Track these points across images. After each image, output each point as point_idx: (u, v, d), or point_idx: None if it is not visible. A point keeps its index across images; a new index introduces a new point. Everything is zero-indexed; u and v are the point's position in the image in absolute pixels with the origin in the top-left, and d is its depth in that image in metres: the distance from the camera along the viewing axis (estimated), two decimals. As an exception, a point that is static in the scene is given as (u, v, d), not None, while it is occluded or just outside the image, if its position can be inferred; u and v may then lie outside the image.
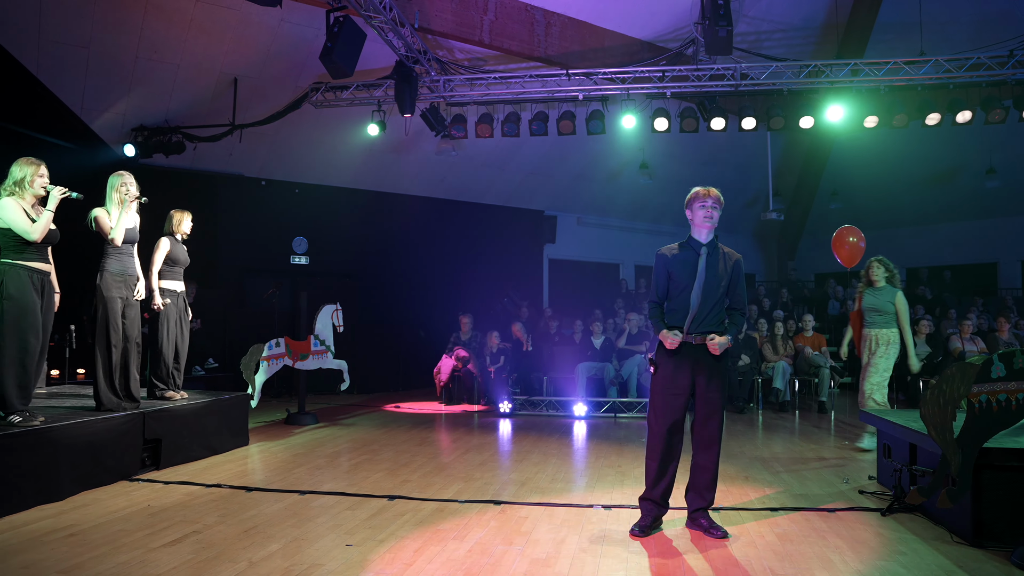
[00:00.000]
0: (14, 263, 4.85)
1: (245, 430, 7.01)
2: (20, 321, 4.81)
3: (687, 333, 4.17)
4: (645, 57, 10.58)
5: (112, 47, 9.21)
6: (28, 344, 4.84)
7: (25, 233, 4.82)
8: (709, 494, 4.27)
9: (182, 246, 6.74)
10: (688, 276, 4.20)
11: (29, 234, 4.83)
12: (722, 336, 4.15)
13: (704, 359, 4.17)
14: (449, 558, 3.74)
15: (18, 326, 4.81)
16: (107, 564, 3.55)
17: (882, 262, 6.93)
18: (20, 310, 4.81)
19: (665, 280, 4.31)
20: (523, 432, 8.06)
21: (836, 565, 3.69)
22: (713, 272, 4.19)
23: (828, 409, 9.84)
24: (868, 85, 9.97)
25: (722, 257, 4.26)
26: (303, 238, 12.20)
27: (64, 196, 5.02)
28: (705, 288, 4.16)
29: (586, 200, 15.18)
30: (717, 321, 4.21)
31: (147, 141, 10.46)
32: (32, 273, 4.92)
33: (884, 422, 5.29)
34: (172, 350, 6.57)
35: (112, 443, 5.25)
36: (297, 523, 4.33)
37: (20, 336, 4.81)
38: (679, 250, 4.31)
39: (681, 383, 4.19)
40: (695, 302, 4.16)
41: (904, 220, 16.28)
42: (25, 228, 4.83)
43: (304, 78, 10.47)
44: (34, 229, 4.86)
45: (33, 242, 4.88)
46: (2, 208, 4.81)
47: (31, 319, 4.86)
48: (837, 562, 3.74)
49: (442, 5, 9.45)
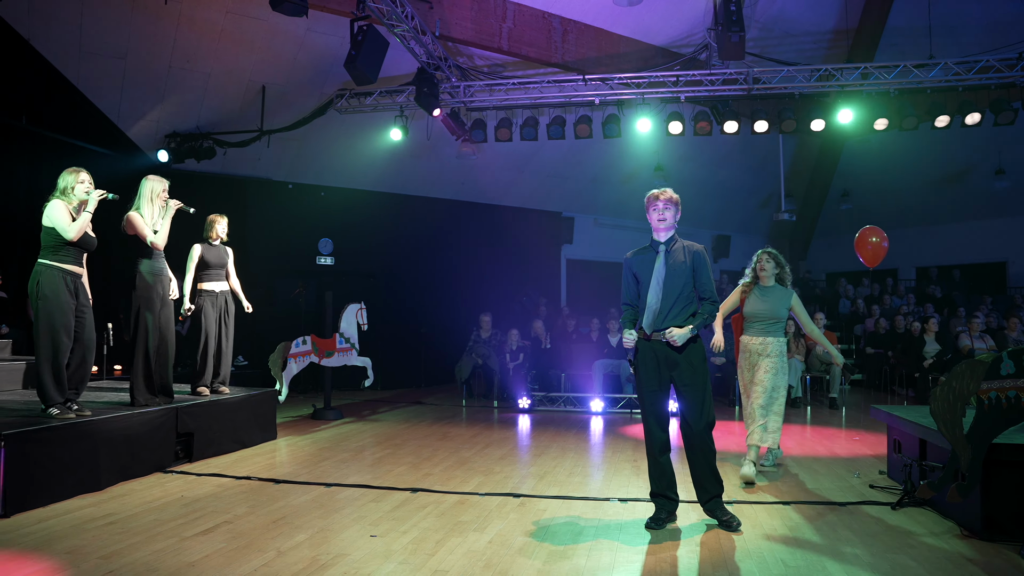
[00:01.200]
0: (49, 264, 5.08)
1: (273, 425, 7.18)
2: (53, 320, 5.02)
3: (654, 330, 4.26)
4: (660, 62, 10.72)
5: (147, 58, 9.53)
6: (60, 342, 5.05)
7: (64, 231, 5.05)
8: (712, 485, 4.32)
9: (215, 249, 6.89)
10: (649, 275, 4.31)
11: (67, 232, 5.05)
12: (681, 328, 4.21)
13: (671, 354, 4.26)
14: (470, 549, 3.82)
15: (51, 325, 5.02)
16: (144, 551, 3.70)
17: (773, 255, 5.99)
18: (53, 309, 5.03)
19: (633, 282, 4.42)
20: (541, 427, 8.16)
21: (847, 557, 3.73)
22: (673, 269, 4.27)
23: (839, 405, 9.89)
24: (878, 88, 10.02)
25: (683, 252, 4.31)
26: (328, 239, 12.42)
27: (101, 197, 5.24)
28: (665, 284, 4.25)
29: (603, 202, 15.28)
30: (686, 315, 4.27)
31: (180, 147, 10.76)
32: (66, 275, 5.12)
33: (894, 418, 5.32)
34: (214, 347, 6.74)
35: (148, 436, 5.46)
36: (323, 514, 4.45)
37: (53, 334, 5.03)
38: (642, 252, 4.43)
39: (657, 380, 4.29)
40: (654, 300, 4.26)
41: (914, 220, 16.24)
42: (64, 227, 5.06)
43: (329, 85, 10.71)
44: (71, 228, 5.07)
45: (70, 244, 5.10)
46: (50, 207, 5.08)
47: (64, 318, 5.06)
48: (848, 554, 3.78)
49: (462, 13, 9.63)
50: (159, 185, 5.88)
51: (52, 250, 5.11)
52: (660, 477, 4.34)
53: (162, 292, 5.92)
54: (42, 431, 4.61)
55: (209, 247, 6.86)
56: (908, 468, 4.80)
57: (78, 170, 5.26)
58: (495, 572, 3.51)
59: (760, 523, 4.39)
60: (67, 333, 5.10)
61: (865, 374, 12.08)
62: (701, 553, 3.82)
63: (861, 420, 8.86)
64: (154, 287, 5.85)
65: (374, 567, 3.54)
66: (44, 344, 5.04)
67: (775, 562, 3.69)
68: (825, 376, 10.34)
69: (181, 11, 9.02)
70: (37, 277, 5.08)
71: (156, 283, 5.87)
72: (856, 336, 13.00)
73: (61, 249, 5.11)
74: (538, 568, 3.57)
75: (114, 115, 10.18)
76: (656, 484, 4.36)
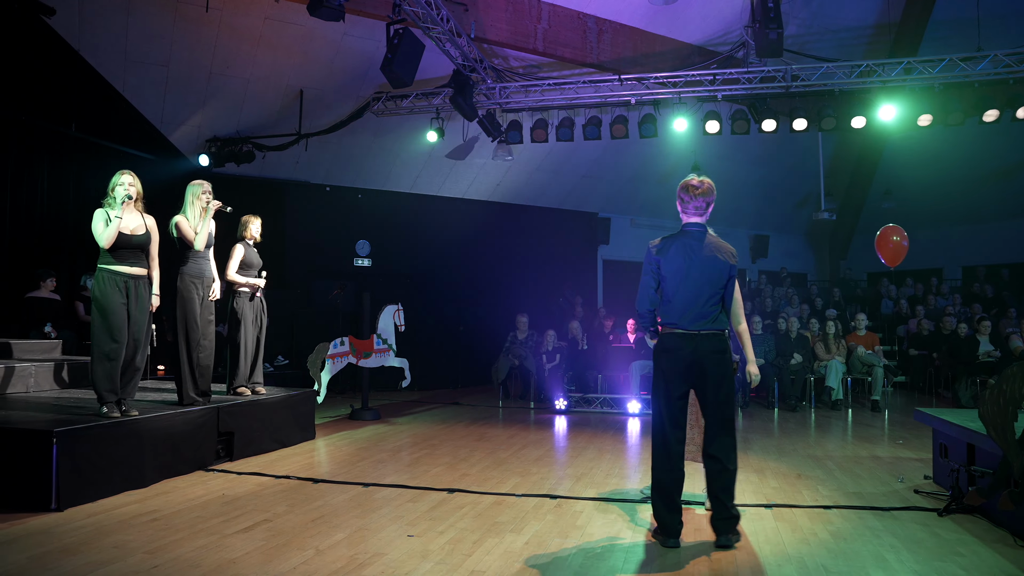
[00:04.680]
0: (101, 267, 5.21)
1: (312, 425, 7.25)
2: (103, 321, 5.15)
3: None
4: (696, 61, 10.63)
5: (188, 64, 9.74)
6: (110, 343, 5.16)
7: (98, 239, 5.17)
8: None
9: (254, 249, 6.99)
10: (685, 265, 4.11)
11: (100, 240, 5.17)
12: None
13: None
14: (507, 550, 3.82)
15: (102, 326, 5.15)
16: (187, 547, 3.77)
17: None
18: (103, 311, 5.15)
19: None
20: (578, 429, 8.14)
21: (891, 564, 3.65)
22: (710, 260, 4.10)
23: (881, 408, 9.71)
24: (922, 83, 9.80)
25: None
26: (365, 241, 12.54)
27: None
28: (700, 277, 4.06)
29: (639, 202, 15.20)
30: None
31: (220, 151, 10.98)
32: (117, 276, 5.22)
33: (940, 421, 5.20)
34: (252, 348, 6.84)
35: (190, 435, 5.56)
36: (361, 514, 4.48)
37: (102, 335, 5.15)
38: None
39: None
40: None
41: (959, 218, 15.84)
42: (97, 235, 5.18)
43: (366, 88, 10.82)
44: (102, 236, 5.17)
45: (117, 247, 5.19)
46: (94, 215, 5.21)
47: (114, 320, 5.16)
48: (892, 561, 3.70)
49: (497, 15, 9.65)
50: (199, 188, 6.01)
51: (103, 255, 5.23)
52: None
53: (204, 293, 6.03)
54: (91, 429, 4.73)
55: (249, 248, 6.96)
56: (955, 473, 4.68)
57: (122, 172, 5.36)
58: (532, 573, 3.51)
59: (800, 527, 4.32)
60: (118, 334, 5.19)
61: (908, 376, 11.83)
62: (739, 557, 3.79)
63: (904, 423, 8.68)
64: (196, 289, 5.97)
65: (411, 567, 3.56)
66: (96, 344, 5.17)
67: (816, 567, 3.63)
68: (867, 378, 10.15)
69: (221, 19, 9.20)
70: (94, 280, 5.25)
71: (199, 285, 5.99)
72: (899, 337, 12.74)
73: (110, 253, 5.22)
74: (575, 570, 3.56)
75: (157, 121, 10.43)
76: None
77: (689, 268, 3.91)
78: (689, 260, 3.92)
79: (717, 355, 3.90)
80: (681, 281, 3.91)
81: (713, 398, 3.92)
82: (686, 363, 3.90)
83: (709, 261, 3.92)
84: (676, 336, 3.93)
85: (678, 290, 3.92)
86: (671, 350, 3.93)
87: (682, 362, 3.90)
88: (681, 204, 4.08)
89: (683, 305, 3.91)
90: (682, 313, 3.91)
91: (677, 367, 3.91)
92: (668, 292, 3.96)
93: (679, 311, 3.91)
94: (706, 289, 3.91)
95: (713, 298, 3.92)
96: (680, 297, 3.91)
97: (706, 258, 3.92)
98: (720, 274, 3.93)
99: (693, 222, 4.04)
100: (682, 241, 3.99)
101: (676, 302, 3.92)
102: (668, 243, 4.00)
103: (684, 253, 3.94)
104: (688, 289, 3.91)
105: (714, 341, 3.90)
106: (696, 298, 3.89)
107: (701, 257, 3.92)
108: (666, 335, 3.98)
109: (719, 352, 3.90)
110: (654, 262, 3.98)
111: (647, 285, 4.00)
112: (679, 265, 3.92)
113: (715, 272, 3.91)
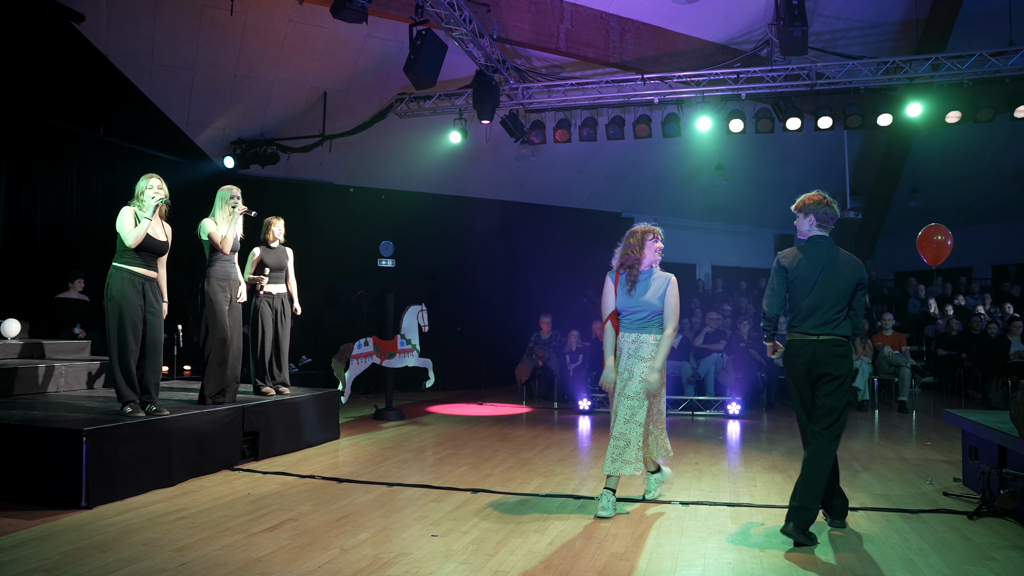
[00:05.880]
0: (119, 266, 5.27)
1: (336, 424, 7.30)
2: (119, 320, 5.21)
3: None
4: (719, 60, 10.55)
5: (214, 68, 9.85)
6: (127, 342, 5.22)
7: (125, 237, 5.22)
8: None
9: (274, 251, 7.00)
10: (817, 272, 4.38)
11: (127, 238, 5.22)
12: None
13: None
14: (530, 550, 3.82)
15: (118, 325, 5.21)
16: (214, 546, 3.81)
17: None
18: (120, 310, 5.21)
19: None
20: (602, 429, 8.13)
21: (920, 568, 3.60)
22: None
23: (909, 409, 9.59)
24: (950, 79, 9.65)
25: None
26: (389, 242, 12.60)
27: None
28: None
29: (663, 201, 15.12)
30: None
31: (245, 153, 11.09)
32: (134, 277, 5.28)
33: (970, 423, 5.13)
34: (271, 349, 6.89)
35: (216, 435, 5.63)
36: (385, 513, 4.51)
37: (121, 333, 5.21)
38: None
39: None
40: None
41: (988, 216, 15.56)
42: (126, 232, 5.23)
43: (389, 90, 10.87)
44: (129, 235, 5.23)
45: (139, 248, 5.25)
46: (120, 213, 5.26)
47: (130, 319, 5.23)
48: (921, 565, 3.64)
49: (520, 16, 9.65)
50: (228, 192, 6.09)
51: (122, 253, 5.29)
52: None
53: (230, 295, 6.10)
54: (119, 428, 4.79)
55: (268, 250, 6.99)
56: (986, 476, 4.60)
57: (150, 176, 5.42)
58: (555, 574, 3.51)
59: (826, 529, 4.28)
60: (134, 334, 5.25)
61: (937, 377, 11.65)
62: (764, 560, 3.75)
63: (932, 424, 8.57)
64: (223, 290, 6.04)
65: (435, 566, 3.57)
66: (112, 344, 5.24)
67: (843, 570, 3.59)
68: (894, 379, 10.02)
69: (246, 22, 9.29)
70: (109, 279, 5.29)
71: (225, 286, 6.06)
72: (927, 337, 12.55)
73: (130, 252, 5.28)
74: (598, 570, 3.56)
75: (183, 123, 10.56)
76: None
77: (817, 278, 4.16)
78: (817, 270, 4.17)
79: (835, 359, 4.10)
80: (810, 290, 4.17)
81: (823, 400, 4.11)
82: (805, 366, 4.15)
83: (836, 272, 4.16)
84: (799, 342, 4.20)
85: (805, 298, 4.18)
86: (794, 354, 4.23)
87: (803, 365, 4.16)
88: (814, 218, 4.31)
89: (808, 312, 4.17)
90: (805, 319, 4.17)
91: (800, 369, 4.19)
92: (795, 299, 4.25)
93: (803, 317, 4.18)
94: (830, 297, 4.13)
95: (837, 306, 4.13)
96: (806, 304, 4.18)
97: (833, 269, 4.17)
98: (847, 283, 4.15)
99: (819, 234, 4.31)
100: (810, 252, 4.25)
101: (803, 309, 4.19)
102: (798, 253, 4.29)
103: (813, 264, 4.20)
104: (814, 297, 4.15)
105: (832, 346, 4.11)
106: (820, 305, 4.14)
107: (829, 268, 4.17)
108: (792, 340, 4.25)
109: (837, 357, 4.10)
110: (784, 271, 4.27)
111: (778, 292, 4.30)
112: (808, 274, 4.19)
113: (840, 281, 4.15)
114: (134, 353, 5.26)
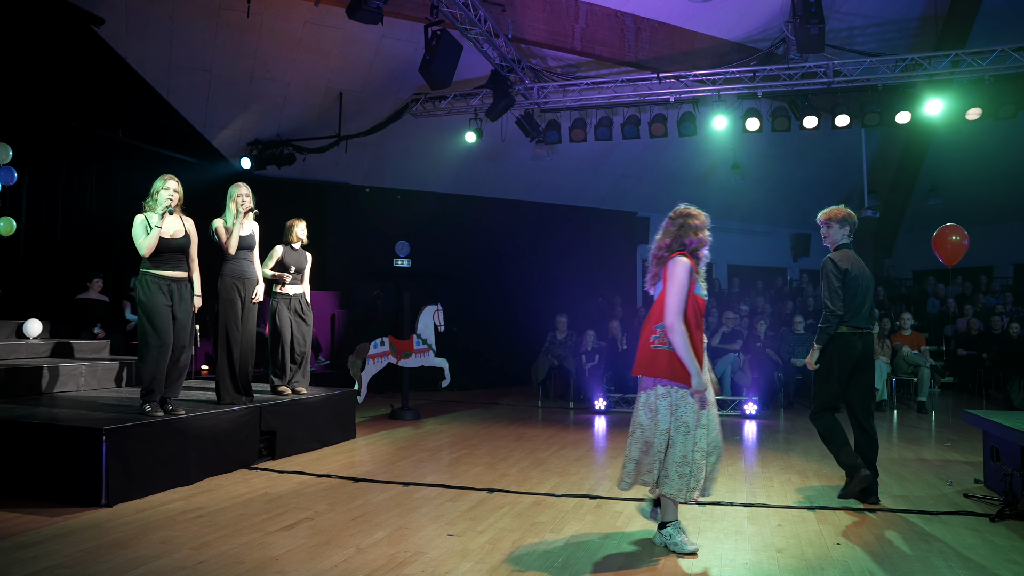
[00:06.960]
0: (144, 271, 5.31)
1: (352, 424, 7.30)
2: (149, 323, 5.25)
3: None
4: (735, 58, 10.50)
5: (230, 69, 9.93)
6: (156, 344, 5.26)
7: (138, 248, 5.26)
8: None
9: (296, 253, 7.03)
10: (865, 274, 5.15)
11: (140, 249, 5.26)
12: None
13: None
14: (546, 550, 3.81)
15: (148, 328, 5.25)
16: (231, 544, 3.84)
17: None
18: (148, 313, 5.25)
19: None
20: (618, 429, 8.10)
21: (941, 570, 3.56)
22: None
23: (928, 409, 9.48)
24: (971, 76, 9.53)
25: None
26: (405, 242, 12.62)
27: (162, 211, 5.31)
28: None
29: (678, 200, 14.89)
30: None
31: (261, 154, 11.16)
32: (160, 280, 5.31)
33: (992, 424, 5.07)
34: (288, 348, 6.90)
35: (233, 434, 5.66)
36: (401, 513, 4.51)
37: (149, 336, 5.25)
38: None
39: None
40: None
41: (1011, 214, 15.34)
42: (138, 244, 5.27)
43: (404, 90, 10.90)
44: (141, 246, 5.26)
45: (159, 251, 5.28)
46: (134, 223, 5.29)
47: (159, 321, 5.26)
48: (942, 567, 3.61)
49: (534, 15, 9.65)
50: (235, 191, 6.09)
51: (146, 259, 5.32)
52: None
53: (245, 294, 6.11)
54: (138, 427, 4.84)
55: (290, 251, 7.02)
56: (1008, 477, 4.55)
57: (166, 178, 5.43)
58: (571, 573, 3.50)
59: (846, 531, 4.24)
60: (163, 335, 5.28)
61: (957, 377, 11.53)
62: (781, 560, 3.73)
63: (952, 425, 8.47)
64: (238, 290, 6.05)
65: (451, 566, 3.57)
66: (141, 345, 5.29)
67: (860, 572, 3.56)
68: (912, 379, 9.91)
69: (262, 23, 9.35)
70: (137, 284, 5.35)
71: (240, 286, 6.07)
72: (946, 337, 12.42)
73: (151, 257, 5.31)
74: (614, 571, 3.55)
75: (200, 125, 10.65)
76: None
77: (863, 278, 4.89)
78: (862, 271, 4.90)
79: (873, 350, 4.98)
80: (861, 288, 4.86)
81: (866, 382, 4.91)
82: (859, 355, 4.85)
83: (867, 274, 4.94)
84: (854, 334, 4.85)
85: (855, 297, 4.85)
86: (848, 346, 4.85)
87: (857, 353, 4.84)
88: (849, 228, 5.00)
89: (858, 308, 4.85)
90: (856, 314, 4.85)
91: (854, 357, 4.84)
92: (847, 298, 4.84)
93: (854, 313, 4.85)
94: (870, 296, 4.92)
95: (871, 303, 4.94)
96: (858, 301, 4.86)
97: (866, 272, 4.93)
98: (872, 284, 4.98)
99: (848, 241, 5.01)
100: (853, 257, 4.95)
101: (855, 306, 4.85)
102: (848, 256, 4.92)
103: (858, 266, 4.90)
104: (863, 295, 4.87)
105: (871, 339, 4.95)
106: (865, 303, 4.87)
107: (865, 270, 4.93)
108: (845, 333, 4.85)
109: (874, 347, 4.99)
110: (846, 272, 4.85)
111: (840, 293, 4.84)
112: (857, 275, 4.87)
113: (871, 283, 4.96)
114: (164, 354, 5.29)
